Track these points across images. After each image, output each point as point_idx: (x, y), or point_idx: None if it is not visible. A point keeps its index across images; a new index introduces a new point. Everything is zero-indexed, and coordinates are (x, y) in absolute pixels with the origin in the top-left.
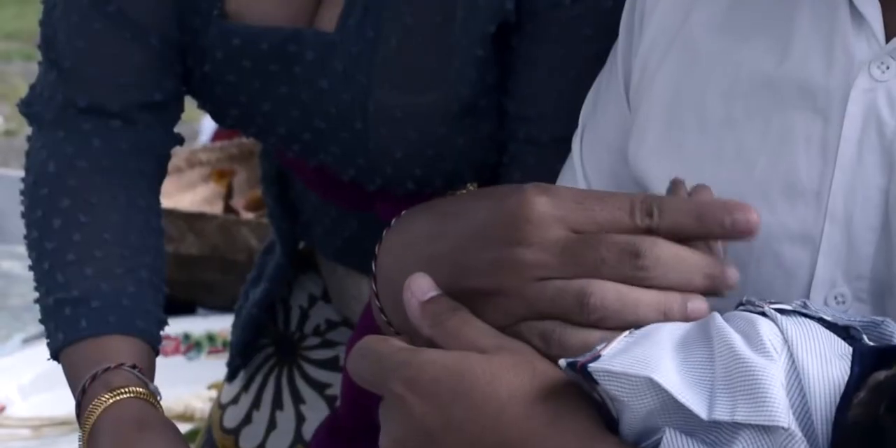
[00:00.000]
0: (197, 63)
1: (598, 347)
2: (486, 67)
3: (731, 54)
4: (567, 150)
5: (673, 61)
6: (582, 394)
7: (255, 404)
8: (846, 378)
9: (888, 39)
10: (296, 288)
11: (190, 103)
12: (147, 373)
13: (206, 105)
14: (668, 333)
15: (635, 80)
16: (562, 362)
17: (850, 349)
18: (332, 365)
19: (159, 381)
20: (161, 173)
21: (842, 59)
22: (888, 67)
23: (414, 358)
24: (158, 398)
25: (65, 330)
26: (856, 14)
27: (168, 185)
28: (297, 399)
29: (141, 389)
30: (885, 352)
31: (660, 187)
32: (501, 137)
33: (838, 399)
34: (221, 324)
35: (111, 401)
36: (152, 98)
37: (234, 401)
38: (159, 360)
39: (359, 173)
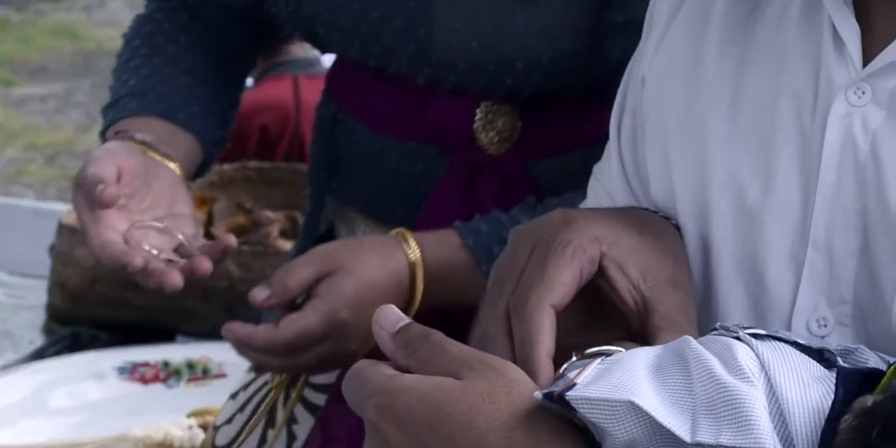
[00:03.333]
0: None
1: (571, 376)
2: None
3: (735, 80)
4: None
5: (683, 79)
6: (563, 419)
7: (248, 424)
8: (825, 401)
9: (866, 64)
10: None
11: None
12: (172, 151)
13: (287, 4)
14: (641, 360)
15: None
16: (537, 394)
17: (827, 372)
18: (326, 389)
19: (137, 409)
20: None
21: (824, 85)
22: (864, 93)
23: (391, 385)
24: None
25: (115, 111)
26: (837, 39)
27: None
28: (291, 419)
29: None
30: (868, 375)
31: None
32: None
33: (819, 422)
34: (202, 351)
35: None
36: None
37: (229, 421)
38: (136, 390)
39: (417, 52)
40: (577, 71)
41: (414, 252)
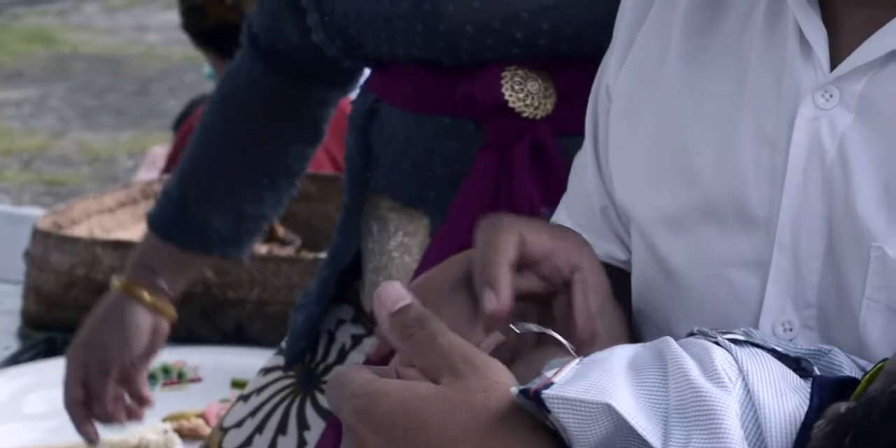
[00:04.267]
0: None
1: (549, 374)
2: None
3: (696, 85)
4: None
5: (649, 88)
6: (537, 425)
7: (259, 429)
8: (801, 411)
9: (834, 68)
10: (326, 315)
11: (145, 132)
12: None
13: (321, 17)
14: (619, 359)
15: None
16: (514, 390)
17: (803, 382)
18: None
19: None
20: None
21: (790, 88)
22: (832, 96)
23: (369, 389)
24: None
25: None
26: (804, 43)
27: (123, 216)
28: (303, 426)
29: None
30: (843, 383)
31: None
32: None
33: (794, 430)
34: (177, 356)
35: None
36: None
37: (238, 424)
38: None
39: (426, 30)
40: (585, 16)
41: None
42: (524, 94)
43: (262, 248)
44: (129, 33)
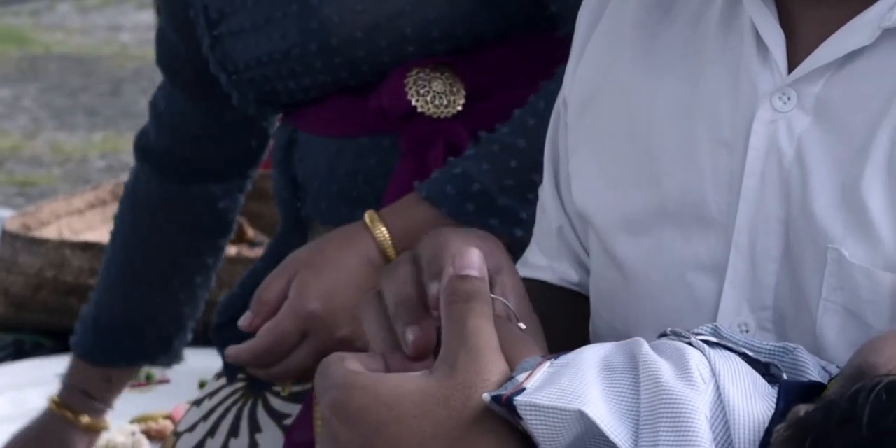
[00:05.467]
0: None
1: (520, 379)
2: None
3: (649, 86)
4: None
5: (605, 97)
6: (511, 429)
7: (211, 432)
8: (768, 415)
9: (791, 70)
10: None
11: (118, 133)
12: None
13: (225, 75)
14: (590, 360)
15: (572, 114)
16: (485, 396)
17: (770, 388)
18: (298, 398)
19: None
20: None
21: (746, 91)
22: (789, 98)
23: (349, 381)
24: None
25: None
26: (761, 45)
27: (92, 218)
28: (254, 428)
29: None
30: (809, 388)
31: (600, 221)
32: None
33: (761, 434)
34: None
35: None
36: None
37: (191, 429)
38: None
39: (321, 48)
40: (474, 8)
41: (380, 229)
42: (431, 95)
43: (231, 250)
44: (102, 33)
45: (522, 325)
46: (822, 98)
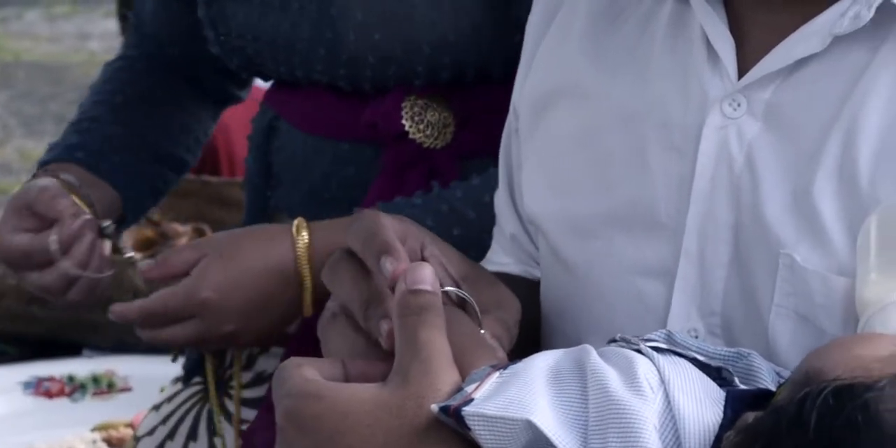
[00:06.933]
0: None
1: (469, 389)
2: None
3: (598, 91)
4: None
5: (555, 103)
6: (462, 439)
7: (170, 435)
8: (719, 422)
9: (741, 77)
10: None
11: None
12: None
13: (216, 35)
14: (539, 370)
15: (524, 122)
16: (434, 407)
17: (722, 393)
18: (256, 404)
19: (42, 424)
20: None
21: (696, 96)
22: (739, 104)
23: (304, 390)
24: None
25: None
26: (711, 51)
27: None
28: (212, 432)
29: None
30: (757, 395)
31: (550, 226)
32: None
33: (711, 441)
34: (107, 365)
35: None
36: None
37: (150, 432)
38: (41, 404)
39: (328, 55)
40: (489, 49)
41: (303, 240)
42: (424, 124)
43: None
44: (71, 41)
45: (483, 330)
46: (772, 104)
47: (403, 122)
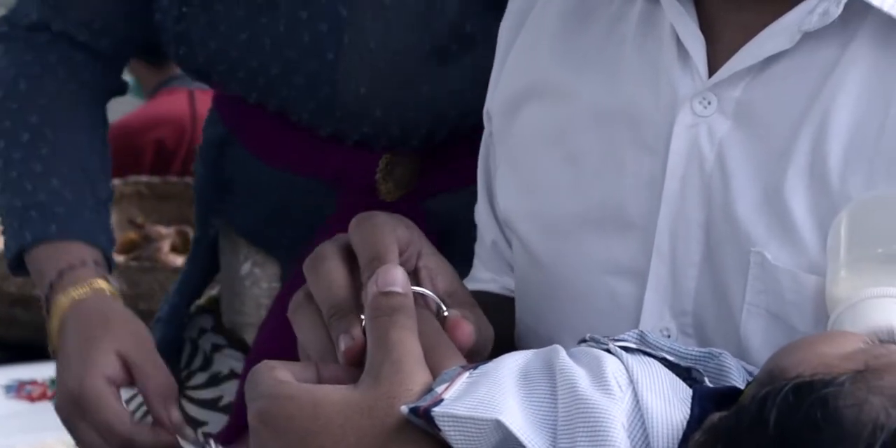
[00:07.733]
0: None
1: (439, 390)
2: (466, 11)
3: (569, 91)
4: None
5: (527, 105)
6: (433, 440)
7: None
8: (687, 421)
9: (712, 74)
10: (189, 325)
11: None
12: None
13: (178, 47)
14: (508, 369)
15: (497, 125)
16: (403, 408)
17: (692, 392)
18: (212, 405)
19: (24, 427)
20: (104, 112)
21: (667, 95)
22: (710, 103)
23: (275, 391)
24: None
25: (32, 230)
26: (681, 50)
27: None
28: None
29: (104, 285)
30: (725, 394)
31: (523, 227)
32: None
33: (679, 440)
34: None
35: (77, 296)
36: (116, 38)
37: None
38: (23, 408)
39: (319, 108)
40: (478, 115)
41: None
42: (392, 183)
43: (177, 260)
44: None
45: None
46: (742, 102)
47: (377, 177)
